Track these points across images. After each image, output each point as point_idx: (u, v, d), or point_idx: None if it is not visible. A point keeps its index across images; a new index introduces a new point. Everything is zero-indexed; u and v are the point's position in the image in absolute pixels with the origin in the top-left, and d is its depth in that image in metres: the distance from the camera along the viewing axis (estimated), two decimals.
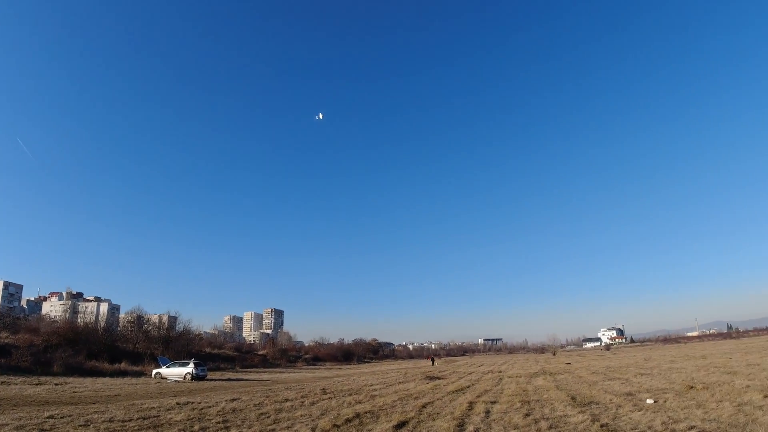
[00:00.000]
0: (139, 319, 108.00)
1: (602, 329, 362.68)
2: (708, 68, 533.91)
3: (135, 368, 66.28)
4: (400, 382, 45.37)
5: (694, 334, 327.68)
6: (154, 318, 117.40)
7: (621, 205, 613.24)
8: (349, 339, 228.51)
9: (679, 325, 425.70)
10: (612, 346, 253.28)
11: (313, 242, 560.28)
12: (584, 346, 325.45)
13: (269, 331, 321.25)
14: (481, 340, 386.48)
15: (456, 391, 33.29)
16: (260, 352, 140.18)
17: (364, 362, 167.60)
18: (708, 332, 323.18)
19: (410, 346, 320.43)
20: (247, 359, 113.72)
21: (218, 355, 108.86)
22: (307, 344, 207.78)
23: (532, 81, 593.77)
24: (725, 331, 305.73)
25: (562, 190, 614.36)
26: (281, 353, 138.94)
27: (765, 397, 20.31)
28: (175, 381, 53.04)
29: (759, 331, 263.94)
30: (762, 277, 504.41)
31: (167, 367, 58.51)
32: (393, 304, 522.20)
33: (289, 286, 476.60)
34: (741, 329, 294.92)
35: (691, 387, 26.08)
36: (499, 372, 60.83)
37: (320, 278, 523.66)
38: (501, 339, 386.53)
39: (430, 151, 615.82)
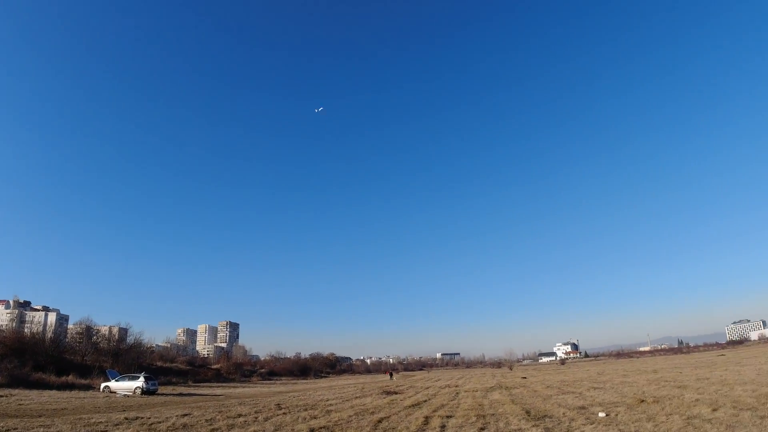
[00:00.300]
0: (88, 331, 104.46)
1: (557, 344, 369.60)
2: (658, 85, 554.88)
3: (83, 381, 64.14)
4: (356, 397, 44.83)
5: (646, 349, 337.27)
6: (104, 329, 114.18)
7: (575, 225, 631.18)
8: (306, 353, 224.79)
9: (631, 340, 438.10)
10: (567, 361, 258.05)
11: (271, 255, 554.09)
12: (540, 361, 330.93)
13: (224, 345, 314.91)
14: (439, 355, 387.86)
15: (413, 405, 33.05)
16: (214, 367, 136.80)
17: (321, 377, 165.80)
18: (659, 347, 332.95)
19: (368, 361, 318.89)
20: (200, 373, 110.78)
21: (170, 369, 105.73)
22: (262, 358, 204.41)
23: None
24: (676, 346, 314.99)
25: (518, 211, 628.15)
26: (236, 367, 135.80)
27: (713, 410, 20.74)
28: (125, 395, 51.50)
29: (708, 347, 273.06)
30: (712, 294, 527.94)
31: (116, 380, 56.82)
32: (351, 318, 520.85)
33: (246, 299, 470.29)
34: (691, 344, 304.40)
35: (642, 400, 26.53)
36: (456, 386, 60.88)
37: (278, 291, 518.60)
38: (459, 353, 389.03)
39: (385, 168, 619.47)
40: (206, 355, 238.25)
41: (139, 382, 54.41)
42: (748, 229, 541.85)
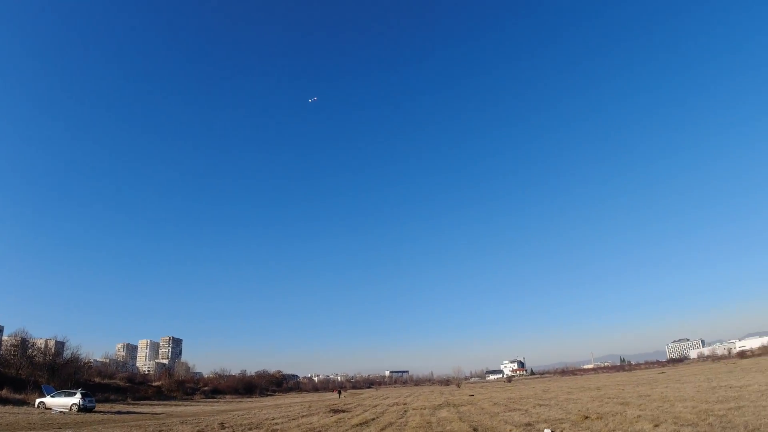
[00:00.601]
0: (23, 343, 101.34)
1: (505, 362, 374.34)
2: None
3: (17, 396, 62.68)
4: (303, 416, 43.95)
5: (590, 366, 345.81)
6: (40, 342, 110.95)
7: (521, 246, 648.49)
8: (251, 370, 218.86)
9: (576, 358, 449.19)
10: (513, 378, 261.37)
11: (217, 270, 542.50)
12: (487, 378, 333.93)
13: (166, 361, 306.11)
14: (387, 372, 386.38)
15: (360, 424, 32.57)
16: (155, 384, 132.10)
17: (267, 395, 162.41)
18: (603, 365, 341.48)
19: (316, 379, 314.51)
20: (140, 391, 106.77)
21: (108, 386, 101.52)
22: (206, 375, 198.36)
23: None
24: (618, 364, 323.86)
25: (463, 232, 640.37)
26: (178, 385, 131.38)
27: (655, 426, 21.17)
28: (60, 412, 49.89)
29: (650, 364, 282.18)
30: (653, 313, 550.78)
31: (52, 396, 54.88)
32: (299, 335, 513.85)
33: (190, 315, 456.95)
34: (633, 362, 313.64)
35: (587, 417, 26.89)
36: (404, 404, 60.61)
37: (224, 307, 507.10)
38: (407, 371, 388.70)
39: (330, 187, 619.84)
40: (147, 372, 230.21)
41: (76, 399, 52.66)
42: (686, 251, 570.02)
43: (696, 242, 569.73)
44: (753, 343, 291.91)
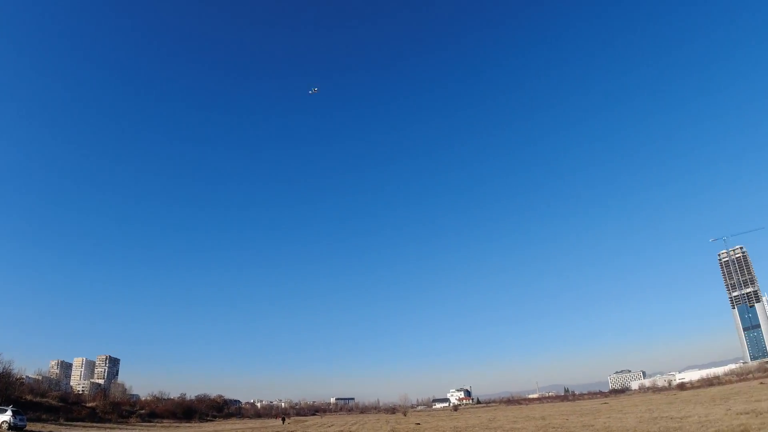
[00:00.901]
0: None
1: (451, 390, 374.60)
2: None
3: None
4: None
5: (535, 396, 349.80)
6: None
7: (470, 278, 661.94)
8: (191, 394, 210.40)
9: (521, 388, 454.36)
10: (460, 407, 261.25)
11: (157, 290, 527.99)
12: (434, 407, 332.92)
13: (101, 381, 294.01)
14: (333, 399, 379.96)
15: None
16: (89, 404, 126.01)
17: (207, 420, 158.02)
18: (547, 395, 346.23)
19: (259, 404, 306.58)
20: (73, 411, 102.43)
21: (41, 405, 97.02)
22: (143, 398, 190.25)
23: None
24: (563, 393, 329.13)
25: (413, 262, 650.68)
26: (113, 407, 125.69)
27: None
28: None
29: (593, 395, 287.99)
30: (596, 345, 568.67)
31: None
32: (241, 359, 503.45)
33: (129, 334, 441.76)
34: (577, 392, 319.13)
35: None
36: None
37: (164, 327, 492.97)
38: (353, 398, 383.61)
39: (279, 197, 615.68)
40: (81, 392, 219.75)
41: (6, 416, 50.66)
42: (629, 286, 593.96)
43: (638, 278, 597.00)
44: (692, 376, 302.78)
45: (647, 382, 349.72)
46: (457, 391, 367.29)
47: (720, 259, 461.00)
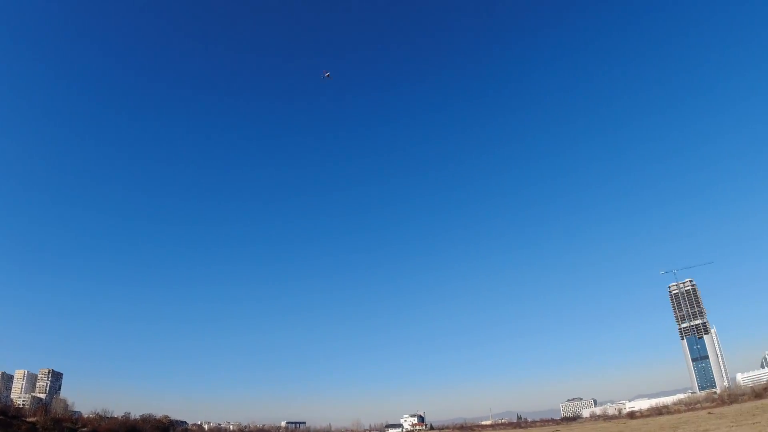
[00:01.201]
0: None
1: (405, 415, 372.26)
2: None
3: None
4: None
5: (488, 422, 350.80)
6: None
7: (425, 304, 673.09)
8: (136, 413, 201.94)
9: (475, 414, 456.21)
10: None
11: (105, 305, 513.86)
12: None
13: (43, 396, 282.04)
14: (283, 423, 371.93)
15: None
16: (30, 419, 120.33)
17: None
18: (500, 421, 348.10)
19: (206, 426, 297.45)
20: (13, 425, 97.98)
21: None
22: (86, 415, 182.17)
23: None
24: (515, 420, 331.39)
25: (372, 288, 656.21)
26: (54, 423, 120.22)
27: None
28: None
29: (545, 422, 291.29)
30: (548, 373, 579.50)
31: None
32: (189, 378, 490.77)
33: (74, 348, 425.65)
34: (529, 419, 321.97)
35: None
36: None
37: (109, 342, 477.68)
38: (305, 422, 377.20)
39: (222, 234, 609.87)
40: (22, 405, 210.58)
41: None
42: (581, 316, 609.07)
43: (590, 308, 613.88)
44: (642, 404, 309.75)
45: (598, 410, 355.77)
46: (411, 416, 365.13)
47: (670, 292, 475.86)
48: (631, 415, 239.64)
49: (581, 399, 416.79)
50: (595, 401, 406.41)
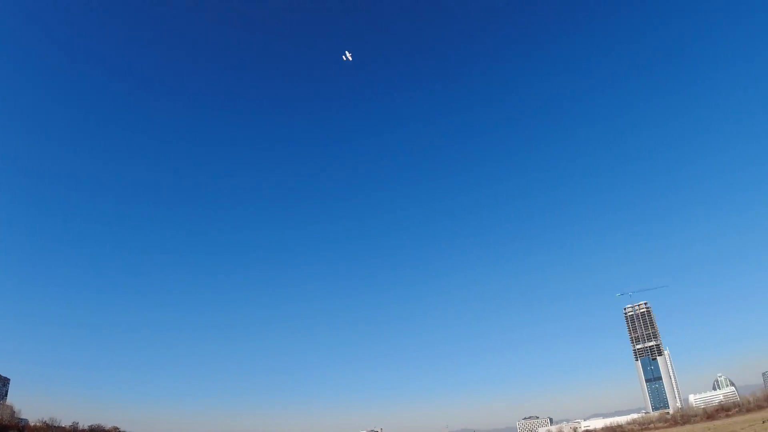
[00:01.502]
0: None
1: (361, 431, 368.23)
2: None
3: None
4: None
5: None
6: None
7: (383, 320, 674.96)
8: (84, 423, 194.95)
9: (432, 430, 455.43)
10: None
11: (56, 309, 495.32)
12: None
13: None
14: None
15: None
16: None
17: None
18: None
19: None
20: None
21: None
22: (33, 423, 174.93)
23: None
24: None
25: (323, 301, 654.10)
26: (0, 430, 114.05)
27: None
28: None
29: None
30: (505, 391, 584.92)
31: None
32: (142, 389, 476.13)
33: (24, 353, 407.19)
34: None
35: None
36: None
37: (60, 348, 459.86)
38: None
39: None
40: None
41: None
42: (538, 335, 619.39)
43: (548, 328, 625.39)
44: (597, 423, 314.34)
45: (554, 429, 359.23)
46: None
47: (626, 314, 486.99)
48: None
49: (537, 417, 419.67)
50: (551, 419, 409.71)
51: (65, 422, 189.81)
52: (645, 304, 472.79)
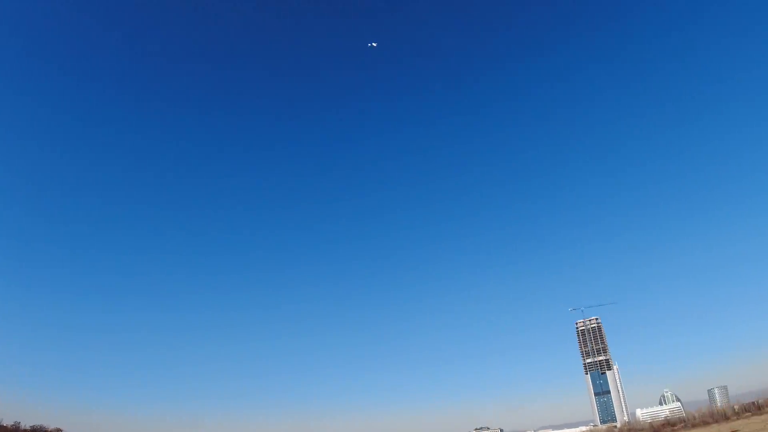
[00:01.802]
0: None
1: None
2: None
3: None
4: None
5: None
6: None
7: (336, 328, 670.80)
8: (27, 423, 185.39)
9: None
10: None
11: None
12: None
13: None
14: None
15: None
16: None
17: None
18: None
19: None
20: None
21: None
22: None
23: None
24: None
25: (284, 309, 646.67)
26: None
27: None
28: None
29: None
30: (456, 401, 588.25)
31: None
32: (87, 392, 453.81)
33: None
34: None
35: None
36: None
37: (2, 346, 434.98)
38: None
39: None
40: None
41: None
42: (490, 346, 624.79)
43: (500, 340, 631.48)
44: None
45: None
46: None
47: (577, 328, 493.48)
48: None
49: (488, 428, 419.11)
50: (501, 430, 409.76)
51: (6, 422, 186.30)
52: (596, 319, 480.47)
